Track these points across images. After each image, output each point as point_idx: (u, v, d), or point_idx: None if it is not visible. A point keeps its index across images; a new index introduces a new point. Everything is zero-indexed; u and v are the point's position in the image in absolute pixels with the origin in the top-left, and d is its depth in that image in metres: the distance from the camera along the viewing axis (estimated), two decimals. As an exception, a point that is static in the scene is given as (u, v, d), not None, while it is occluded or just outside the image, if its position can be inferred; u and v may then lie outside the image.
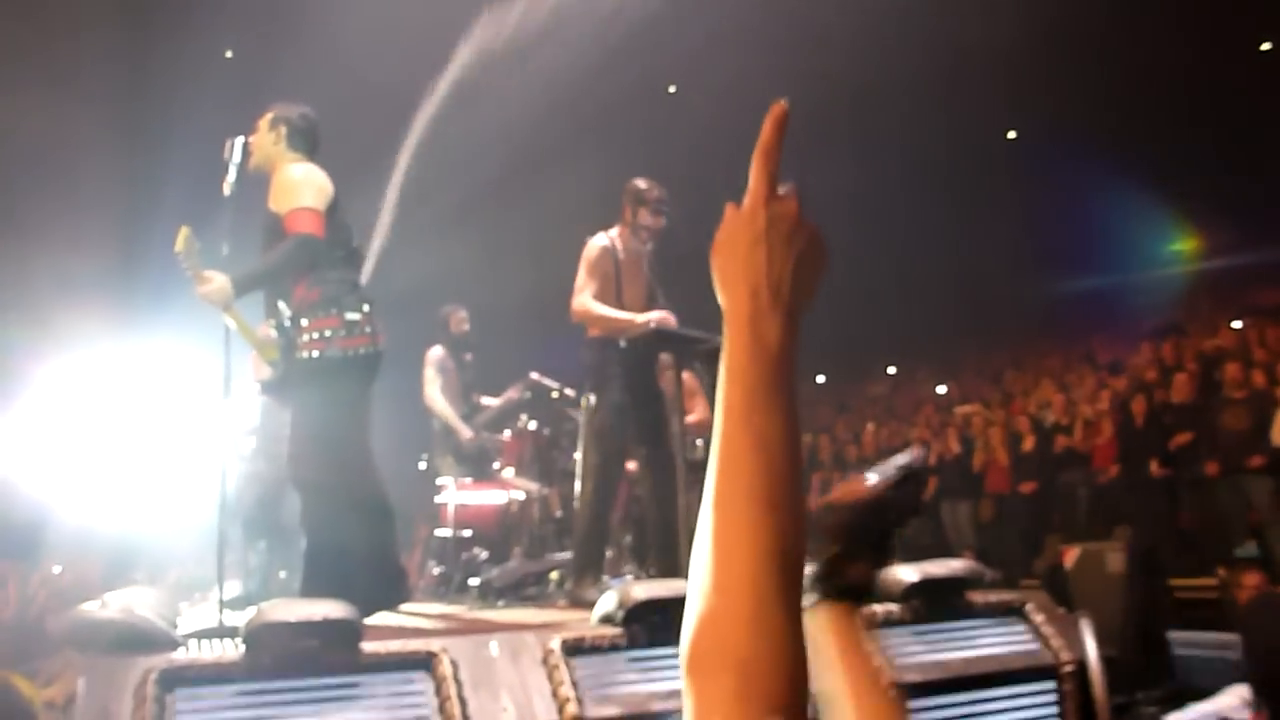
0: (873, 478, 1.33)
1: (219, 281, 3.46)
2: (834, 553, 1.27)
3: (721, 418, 0.97)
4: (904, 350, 15.93)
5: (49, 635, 4.59)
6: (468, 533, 5.38)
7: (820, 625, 1.23)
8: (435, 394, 6.06)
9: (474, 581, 4.86)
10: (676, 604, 3.11)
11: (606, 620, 3.14)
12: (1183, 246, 15.39)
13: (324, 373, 3.59)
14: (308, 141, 3.83)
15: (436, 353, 6.13)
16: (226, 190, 3.65)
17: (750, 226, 1.00)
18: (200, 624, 3.47)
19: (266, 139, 3.79)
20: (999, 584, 3.97)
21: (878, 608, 3.41)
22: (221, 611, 3.37)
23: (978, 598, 3.59)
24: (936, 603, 3.48)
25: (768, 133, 1.03)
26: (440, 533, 5.46)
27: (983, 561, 4.84)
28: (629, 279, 4.50)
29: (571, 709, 2.78)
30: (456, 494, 5.49)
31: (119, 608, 2.93)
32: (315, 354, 3.59)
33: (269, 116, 3.82)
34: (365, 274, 3.89)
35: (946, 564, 3.69)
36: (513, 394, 6.00)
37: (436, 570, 5.44)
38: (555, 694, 2.81)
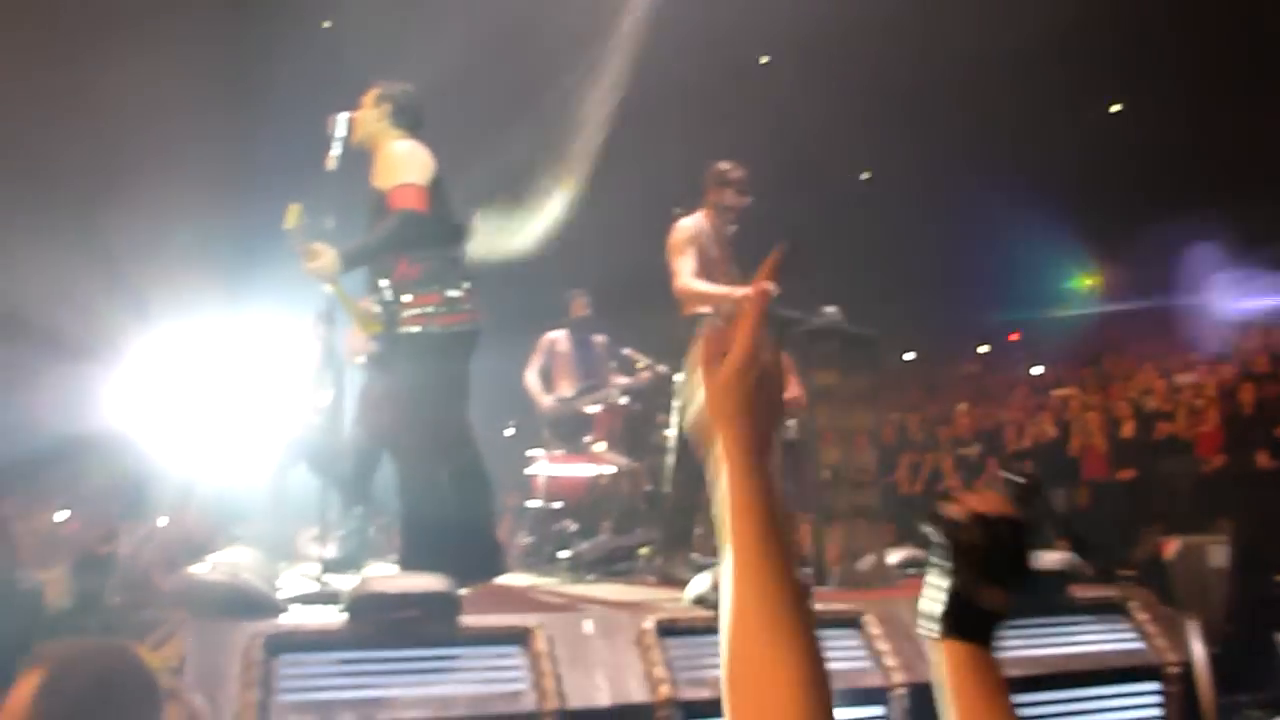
0: (999, 488, 1.24)
1: (327, 256, 3.52)
2: (968, 577, 1.12)
3: (739, 549, 1.03)
4: (997, 329, 15.60)
5: (157, 592, 4.74)
6: (558, 504, 5.42)
7: (953, 668, 1.11)
8: (530, 375, 6.22)
9: (564, 554, 4.89)
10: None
11: (700, 602, 3.14)
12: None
13: (424, 348, 3.64)
14: (411, 119, 3.87)
15: (550, 337, 6.22)
16: (331, 165, 3.69)
17: (741, 384, 1.06)
18: (301, 588, 3.56)
19: (370, 116, 3.83)
20: (1097, 577, 3.87)
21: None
22: (323, 576, 3.44)
23: (1078, 592, 3.51)
24: (1035, 596, 3.40)
25: (759, 295, 1.10)
26: (530, 503, 5.51)
27: (1077, 550, 4.74)
28: (715, 260, 4.50)
29: (665, 690, 2.78)
30: (547, 466, 5.53)
31: (225, 571, 3.01)
32: (416, 329, 3.64)
33: (373, 94, 3.85)
34: (478, 247, 3.90)
35: (1045, 556, 3.61)
36: (644, 375, 5.99)
37: (526, 540, 5.49)
38: (649, 674, 2.82)
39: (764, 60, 11.35)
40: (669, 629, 2.95)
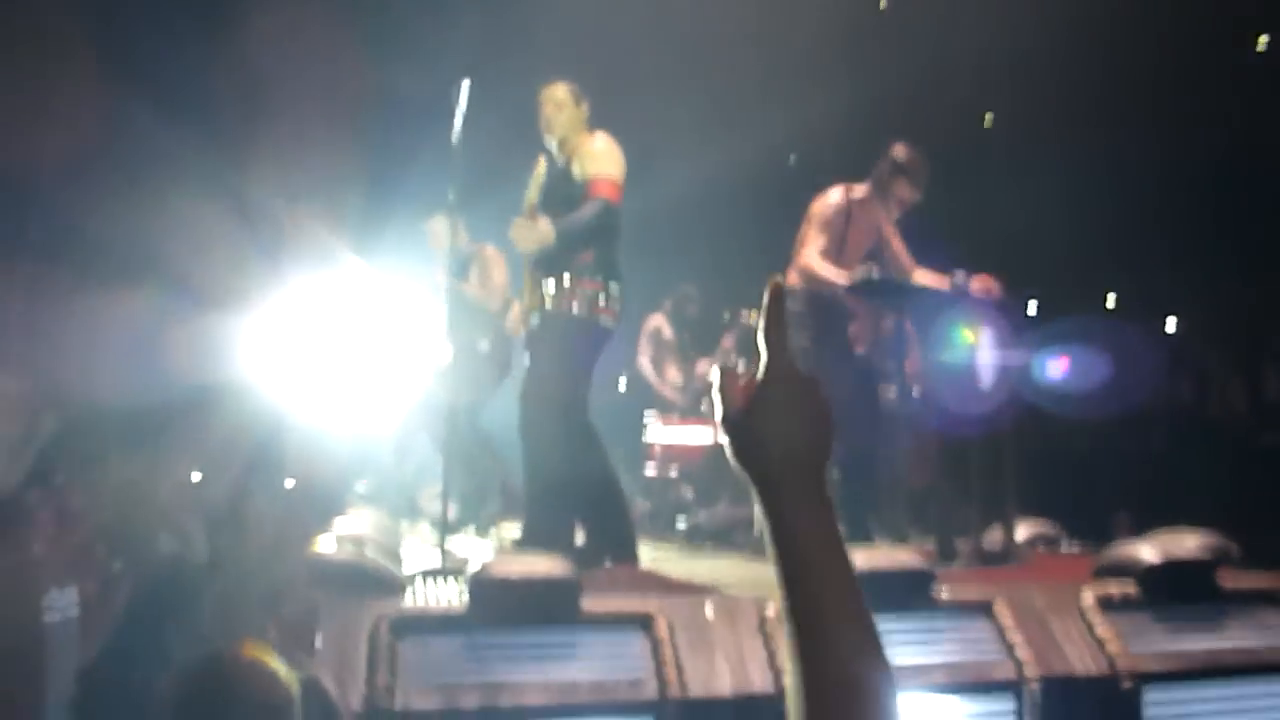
0: None
1: (545, 228, 3.68)
2: None
3: (799, 570, 0.97)
4: (1128, 277, 14.81)
5: (288, 557, 4.85)
6: (674, 471, 5.40)
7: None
8: (644, 363, 6.30)
9: (681, 523, 4.87)
10: (896, 575, 3.03)
11: (822, 586, 3.06)
12: None
13: (575, 330, 3.76)
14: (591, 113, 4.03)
15: (654, 323, 6.21)
16: (454, 138, 3.68)
17: (774, 404, 0.98)
18: (424, 560, 3.60)
19: (573, 113, 3.96)
20: (1247, 561, 3.65)
21: (1113, 588, 3.21)
22: (445, 545, 3.47)
23: (1228, 580, 3.32)
24: (1180, 584, 3.24)
25: (771, 309, 1.00)
26: (647, 470, 5.50)
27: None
28: (854, 240, 4.38)
29: (789, 679, 2.72)
30: (662, 431, 5.50)
31: (350, 549, 3.06)
32: (574, 310, 3.75)
33: (570, 90, 3.98)
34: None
35: (1190, 540, 3.41)
36: (726, 344, 5.96)
37: (644, 506, 5.49)
38: (772, 662, 2.77)
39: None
40: (793, 615, 2.88)
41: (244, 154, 7.93)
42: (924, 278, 4.33)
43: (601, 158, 3.83)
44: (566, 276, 3.77)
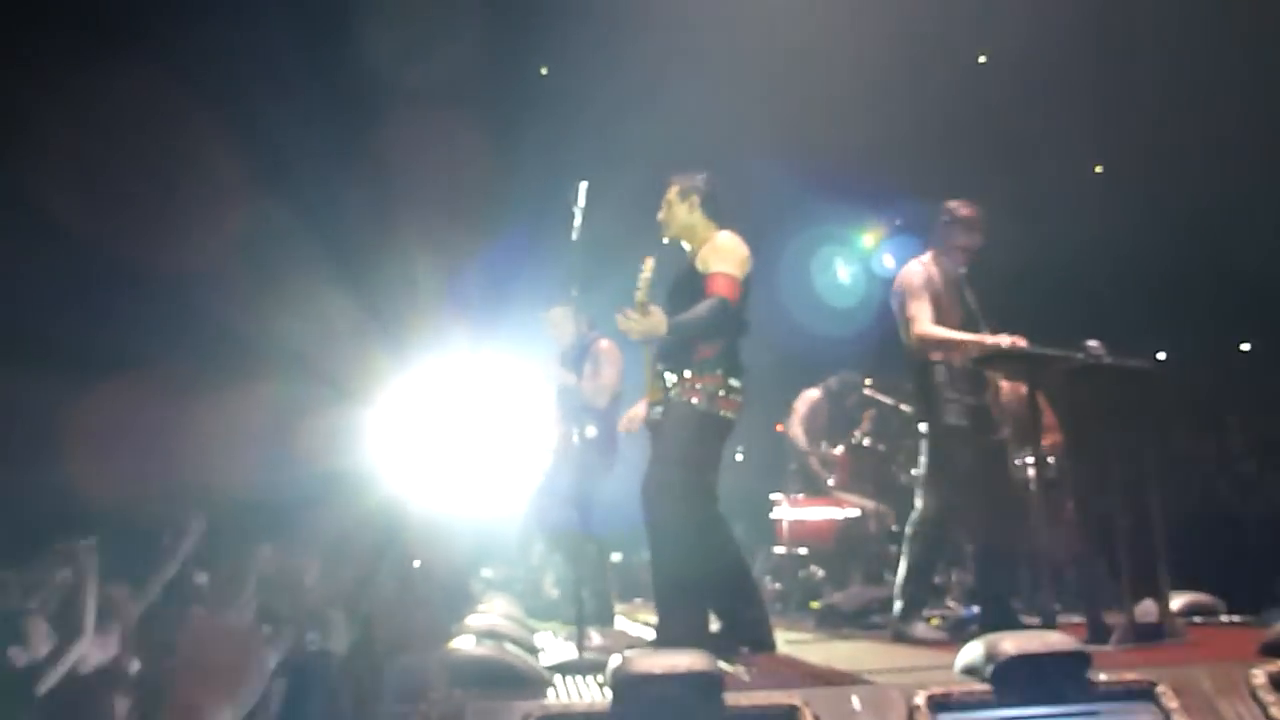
0: None
1: (659, 318, 3.70)
2: None
3: None
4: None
5: (422, 643, 4.90)
6: (803, 550, 5.32)
7: None
8: (798, 432, 6.21)
9: (816, 604, 4.78)
10: (1049, 660, 2.91)
11: (971, 672, 2.96)
12: None
13: (697, 422, 3.78)
14: (717, 205, 4.06)
15: (813, 397, 6.18)
16: (574, 235, 3.78)
17: None
18: (560, 653, 3.61)
19: (680, 210, 4.02)
20: None
21: None
22: (582, 649, 3.47)
23: None
24: None
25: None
26: (777, 549, 5.43)
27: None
28: (947, 302, 4.34)
29: (941, 772, 2.63)
30: (790, 510, 5.44)
31: (491, 645, 3.08)
32: (695, 402, 3.78)
33: (675, 190, 4.04)
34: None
35: None
36: (865, 425, 5.89)
37: (775, 587, 5.41)
38: (923, 754, 2.68)
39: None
40: (942, 704, 2.79)
41: (374, 252, 8.24)
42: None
43: (722, 255, 3.87)
44: (688, 372, 3.81)
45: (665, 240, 4.06)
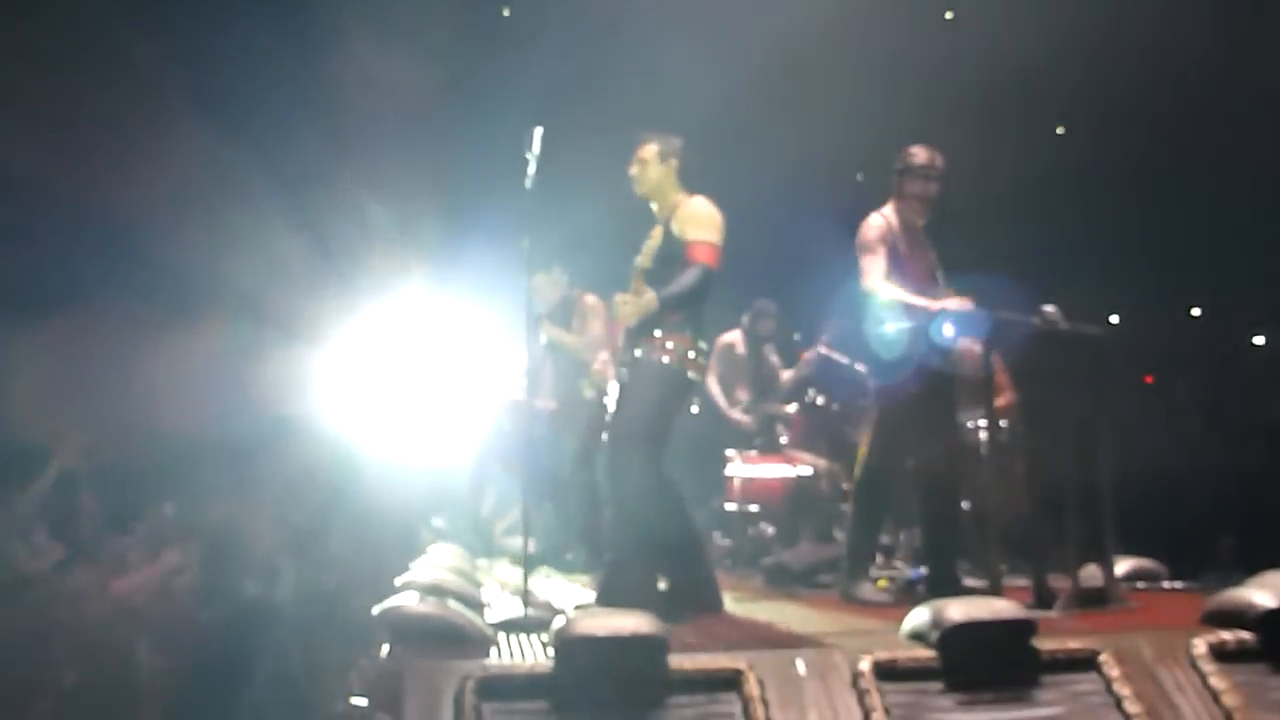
0: None
1: (649, 296, 3.78)
2: None
3: None
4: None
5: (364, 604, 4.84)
6: (754, 507, 5.31)
7: None
8: (711, 382, 6.16)
9: (766, 561, 4.78)
10: (996, 628, 2.91)
11: (917, 638, 2.95)
12: None
13: (664, 379, 3.81)
14: (686, 172, 4.07)
15: (726, 340, 6.12)
16: (527, 184, 3.69)
17: None
18: (505, 609, 3.56)
19: (657, 171, 4.01)
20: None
21: (1227, 635, 3.05)
22: (526, 604, 3.43)
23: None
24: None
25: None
26: (727, 506, 5.41)
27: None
28: (908, 256, 4.26)
29: (883, 736, 2.63)
30: (742, 467, 5.42)
31: (434, 603, 3.02)
32: (665, 360, 3.81)
33: (654, 150, 4.01)
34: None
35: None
36: (802, 368, 5.88)
37: (724, 543, 5.41)
38: (868, 718, 2.67)
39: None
40: (887, 671, 2.78)
41: (327, 191, 8.05)
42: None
43: (700, 222, 3.88)
44: (658, 331, 3.83)
45: (638, 196, 4.05)
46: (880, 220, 4.27)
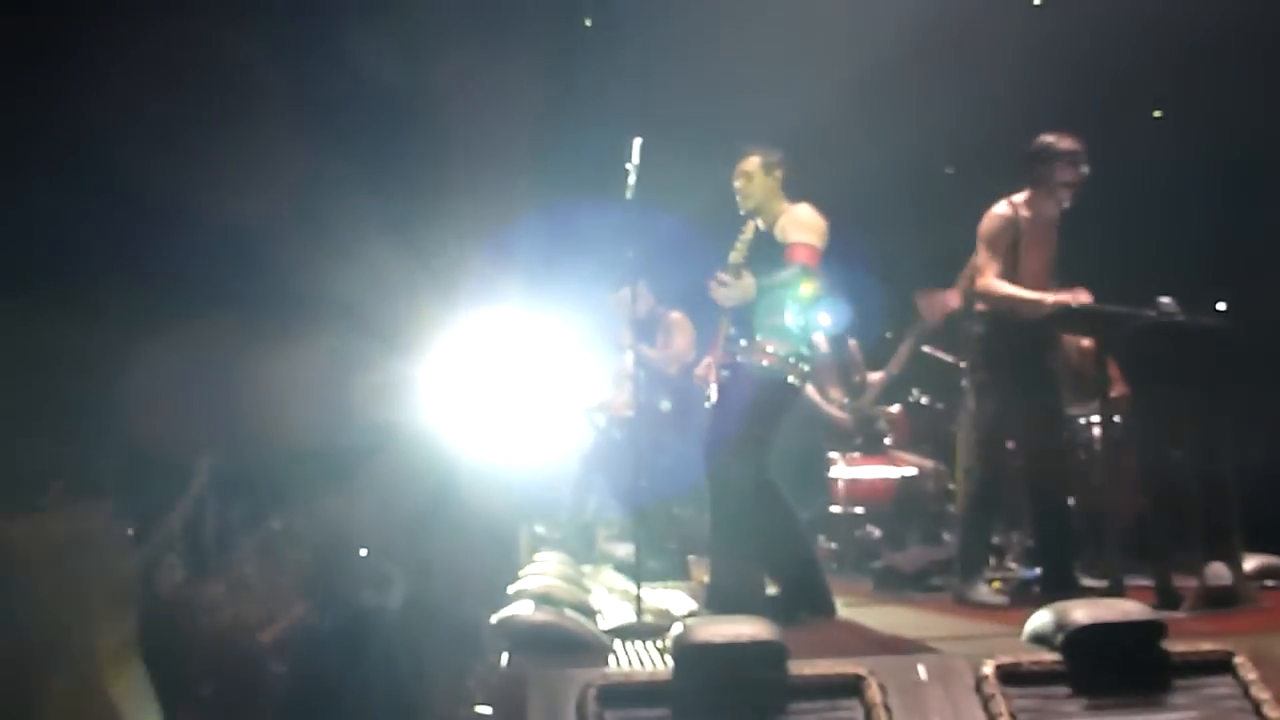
0: None
1: (748, 284, 3.79)
2: None
3: None
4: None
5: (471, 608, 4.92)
6: (859, 509, 5.26)
7: None
8: (809, 389, 6.04)
9: (875, 565, 4.73)
10: (1123, 629, 2.83)
11: (1039, 641, 2.89)
12: None
13: (765, 385, 3.82)
14: (792, 182, 4.08)
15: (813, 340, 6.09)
16: (628, 194, 3.71)
17: None
18: (618, 618, 3.59)
19: (764, 183, 4.02)
20: None
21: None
22: (639, 612, 3.44)
23: None
24: None
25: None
26: (833, 508, 5.37)
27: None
28: (1030, 248, 4.17)
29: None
30: (846, 469, 5.37)
31: (549, 610, 3.06)
32: (765, 365, 3.82)
33: (759, 161, 4.02)
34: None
35: None
36: (893, 368, 5.80)
37: (830, 546, 5.36)
38: (992, 724, 2.62)
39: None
40: (1011, 675, 2.72)
41: (428, 203, 8.20)
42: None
43: (802, 226, 3.90)
44: (759, 335, 3.84)
45: (743, 211, 4.05)
46: (1007, 210, 4.18)
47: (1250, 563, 4.15)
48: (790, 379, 3.85)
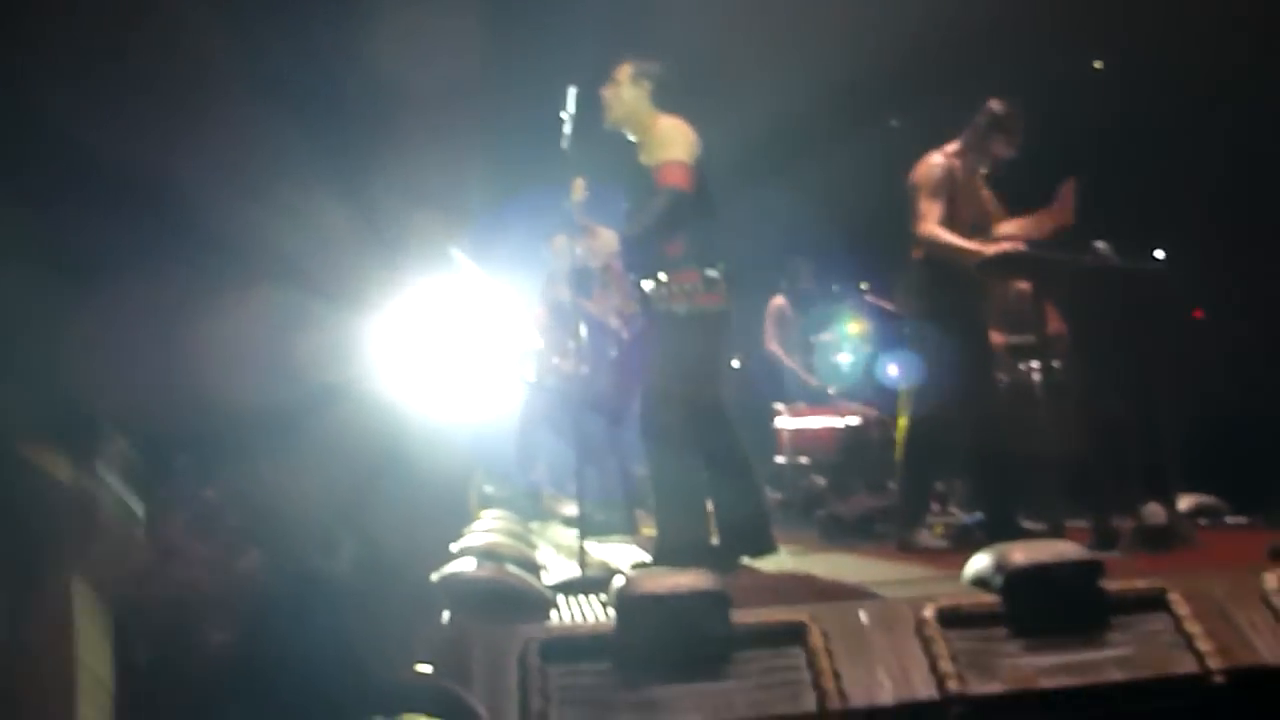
0: None
1: (607, 237, 3.57)
2: None
3: None
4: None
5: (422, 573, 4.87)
6: (805, 459, 5.28)
7: None
8: (776, 348, 6.13)
9: (820, 513, 4.76)
10: (1061, 569, 2.87)
11: (980, 583, 2.92)
12: None
13: (683, 328, 3.59)
14: (670, 96, 3.78)
15: (777, 303, 6.08)
16: (564, 144, 3.63)
17: None
18: (562, 573, 3.57)
19: (629, 93, 3.74)
20: None
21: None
22: (584, 566, 3.43)
23: None
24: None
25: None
26: (778, 459, 5.39)
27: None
28: (965, 203, 4.18)
29: (953, 685, 2.60)
30: (791, 419, 5.38)
31: (492, 567, 3.03)
32: (676, 308, 3.59)
33: (628, 71, 3.75)
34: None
35: None
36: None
37: (776, 496, 5.39)
38: (934, 668, 2.64)
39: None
40: (951, 618, 2.75)
41: (367, 156, 8.05)
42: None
43: (667, 142, 3.59)
44: (662, 275, 3.61)
45: (606, 124, 3.78)
46: (944, 160, 4.18)
47: (1185, 502, 4.24)
48: (708, 307, 3.58)
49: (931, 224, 4.06)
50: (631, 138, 3.78)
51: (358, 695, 2.60)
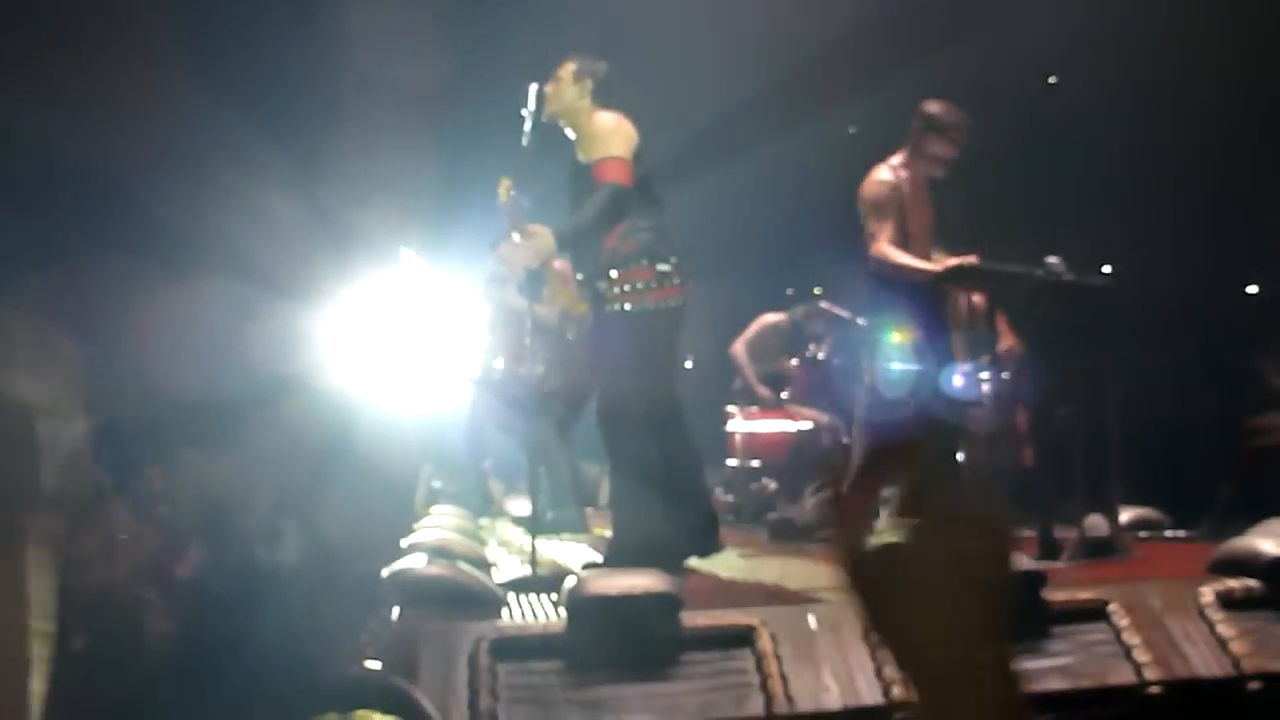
0: None
1: (542, 237, 3.50)
2: None
3: None
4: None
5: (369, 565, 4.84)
6: (756, 463, 5.31)
7: None
8: (740, 348, 6.08)
9: (771, 516, 4.79)
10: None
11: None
12: None
13: (635, 326, 3.56)
14: (609, 94, 3.76)
15: (770, 320, 6.05)
16: (524, 141, 3.61)
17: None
18: (513, 571, 3.56)
19: (570, 91, 3.72)
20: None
21: (1234, 584, 3.06)
22: (534, 565, 3.42)
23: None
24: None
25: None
26: (729, 462, 5.41)
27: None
28: (913, 213, 4.20)
29: (898, 690, 2.63)
30: (743, 423, 5.41)
31: (443, 564, 3.02)
32: (628, 307, 3.55)
33: (571, 68, 3.74)
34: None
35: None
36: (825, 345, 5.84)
37: (727, 499, 5.41)
38: (880, 672, 2.68)
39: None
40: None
41: (319, 151, 7.97)
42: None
43: (603, 139, 3.56)
44: (613, 273, 3.57)
45: (545, 117, 3.73)
46: (889, 176, 4.20)
47: (1126, 514, 4.32)
48: (660, 304, 3.54)
49: (883, 244, 4.09)
50: (570, 134, 3.77)
51: (305, 690, 2.58)
